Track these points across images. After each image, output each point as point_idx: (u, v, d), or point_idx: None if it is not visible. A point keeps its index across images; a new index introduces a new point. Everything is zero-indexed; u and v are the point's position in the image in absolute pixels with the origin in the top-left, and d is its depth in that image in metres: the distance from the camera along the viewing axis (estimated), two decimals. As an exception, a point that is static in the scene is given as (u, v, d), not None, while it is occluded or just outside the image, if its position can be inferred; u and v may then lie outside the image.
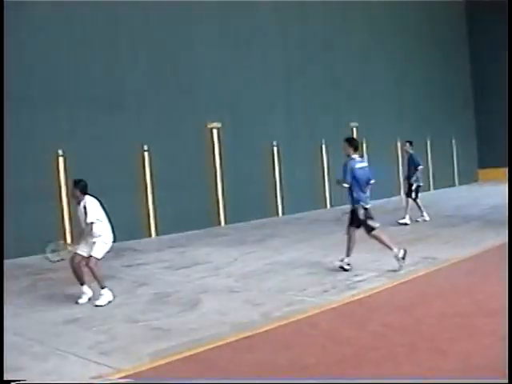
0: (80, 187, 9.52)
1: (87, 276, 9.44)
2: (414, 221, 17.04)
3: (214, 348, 6.63)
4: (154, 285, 10.55)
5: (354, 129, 25.43)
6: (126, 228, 16.79)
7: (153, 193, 17.97)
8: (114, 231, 9.88)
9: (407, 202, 17.52)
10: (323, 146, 23.75)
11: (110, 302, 9.16)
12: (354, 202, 11.20)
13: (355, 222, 11.12)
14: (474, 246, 12.08)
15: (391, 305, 8.17)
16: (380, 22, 27.68)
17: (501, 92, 33.42)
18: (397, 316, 7.58)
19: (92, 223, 9.35)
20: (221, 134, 19.92)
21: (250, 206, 20.56)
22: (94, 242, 9.39)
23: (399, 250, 10.59)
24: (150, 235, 17.87)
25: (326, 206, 23.84)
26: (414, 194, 17.65)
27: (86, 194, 9.54)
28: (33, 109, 15.44)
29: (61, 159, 15.90)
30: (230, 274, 11.18)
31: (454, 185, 31.74)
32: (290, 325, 7.43)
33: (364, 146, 25.50)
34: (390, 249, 10.63)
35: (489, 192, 25.68)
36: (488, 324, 6.89)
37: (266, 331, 7.21)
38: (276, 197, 21.84)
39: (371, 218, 11.05)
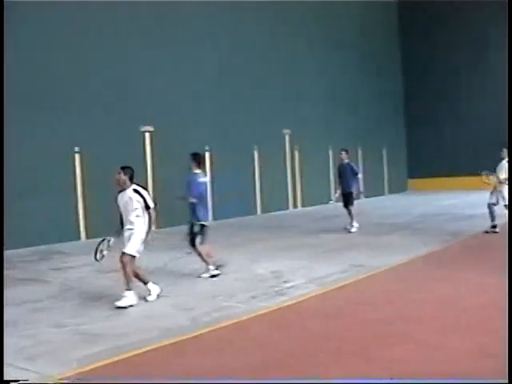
0: (129, 173, 9.40)
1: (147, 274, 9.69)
2: (344, 228, 17.17)
3: (142, 353, 6.60)
4: (82, 288, 10.44)
5: (287, 136, 25.63)
6: (55, 230, 16.66)
7: (83, 195, 17.78)
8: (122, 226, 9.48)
9: (350, 210, 17.23)
10: (255, 153, 23.87)
11: (131, 305, 8.82)
12: (198, 218, 11.25)
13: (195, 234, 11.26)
14: (402, 255, 12.29)
15: (319, 311, 8.26)
16: (313, 30, 28.01)
17: (431, 102, 34.25)
18: (324, 322, 7.67)
19: (155, 205, 9.31)
20: (153, 138, 19.83)
21: (181, 210, 20.46)
22: (131, 236, 9.12)
23: (214, 267, 11.08)
24: (80, 238, 17.67)
25: (256, 213, 23.97)
26: (351, 202, 17.16)
27: (132, 181, 9.37)
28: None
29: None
30: (160, 278, 11.11)
31: (383, 194, 32.28)
32: (219, 330, 7.44)
33: (296, 153, 25.77)
34: (207, 264, 11.01)
35: (418, 201, 26.20)
36: (410, 330, 7.05)
37: (195, 336, 7.21)
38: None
39: (202, 235, 11.14)
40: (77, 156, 17.65)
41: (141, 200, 9.14)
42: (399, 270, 11.07)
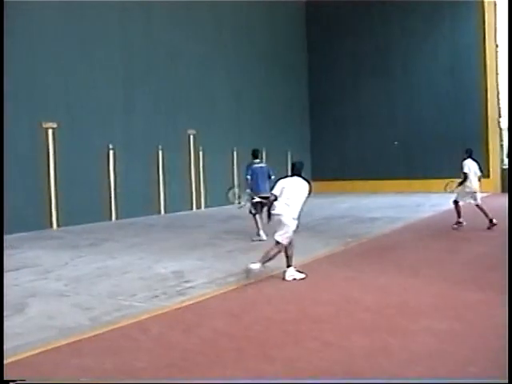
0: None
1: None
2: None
3: (40, 353, 6.53)
4: (-21, 288, 10.21)
5: (191, 136, 25.66)
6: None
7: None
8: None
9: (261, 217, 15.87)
10: (159, 152, 23.81)
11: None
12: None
13: None
14: (304, 255, 12.48)
15: (220, 311, 8.33)
16: (222, 31, 28.18)
17: (335, 106, 34.94)
18: (226, 322, 7.74)
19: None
20: (56, 135, 19.54)
21: (84, 209, 20.30)
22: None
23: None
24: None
25: (160, 212, 23.92)
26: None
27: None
28: None
29: None
30: (60, 277, 11.00)
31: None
32: (119, 329, 7.43)
33: (201, 154, 25.83)
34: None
35: (321, 204, 26.59)
36: (313, 330, 7.21)
37: (95, 336, 7.17)
38: (110, 201, 21.66)
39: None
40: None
41: None
42: (301, 270, 11.25)
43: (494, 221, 16.27)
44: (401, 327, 7.21)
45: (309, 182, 10.63)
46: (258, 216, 15.39)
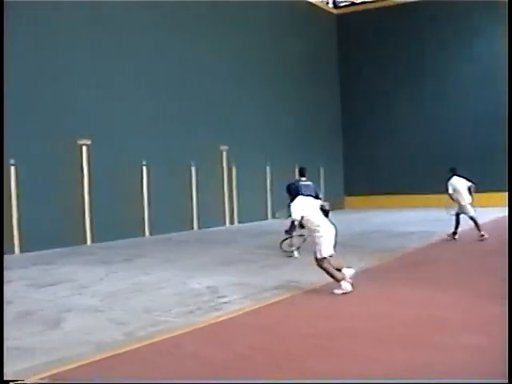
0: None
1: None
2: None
3: (76, 367, 6.55)
4: (16, 303, 10.30)
5: (224, 152, 25.71)
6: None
7: (18, 208, 17.55)
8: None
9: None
10: (192, 168, 23.90)
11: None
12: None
13: None
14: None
15: (255, 326, 8.31)
16: (252, 46, 28.21)
17: (366, 118, 34.67)
18: (261, 337, 7.72)
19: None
20: (90, 151, 19.72)
21: (118, 225, 20.41)
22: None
23: None
24: (14, 252, 17.42)
25: (192, 228, 23.97)
26: None
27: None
28: None
29: None
30: (96, 293, 11.08)
31: (319, 211, 32.46)
32: (154, 345, 7.44)
33: (233, 169, 25.86)
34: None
35: (355, 219, 26.48)
36: (349, 344, 7.17)
37: (130, 351, 7.19)
38: (144, 216, 21.77)
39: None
40: (12, 169, 17.42)
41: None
42: (334, 285, 11.21)
43: (484, 234, 17.18)
44: (436, 341, 7.13)
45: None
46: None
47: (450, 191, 17.59)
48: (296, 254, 15.06)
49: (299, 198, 10.54)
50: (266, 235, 20.48)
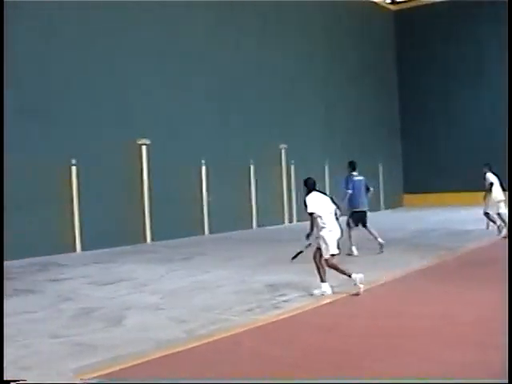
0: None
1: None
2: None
3: (137, 364, 6.58)
4: (78, 300, 10.43)
5: (283, 150, 25.65)
6: (50, 242, 16.63)
7: (79, 208, 17.78)
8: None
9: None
10: (251, 167, 23.89)
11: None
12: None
13: None
14: (399, 269, 12.28)
15: (315, 324, 8.24)
16: (313, 46, 28.09)
17: (425, 117, 34.22)
18: (321, 335, 7.65)
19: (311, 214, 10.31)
20: (150, 151, 19.86)
21: (178, 223, 20.51)
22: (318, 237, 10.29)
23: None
24: (75, 250, 17.67)
25: (252, 227, 23.97)
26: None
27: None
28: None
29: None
30: (156, 290, 11.13)
31: (379, 209, 32.17)
32: (215, 343, 7.43)
33: (292, 167, 25.79)
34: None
35: (414, 216, 26.19)
36: (410, 344, 7.05)
37: (191, 349, 7.19)
38: (203, 215, 21.84)
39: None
40: (73, 168, 17.66)
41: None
42: (396, 283, 11.07)
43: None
44: (496, 342, 6.94)
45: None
46: (352, 231, 15.36)
47: (490, 186, 17.62)
48: (355, 251, 15.01)
49: (315, 194, 10.47)
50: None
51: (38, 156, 16.83)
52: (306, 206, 10.36)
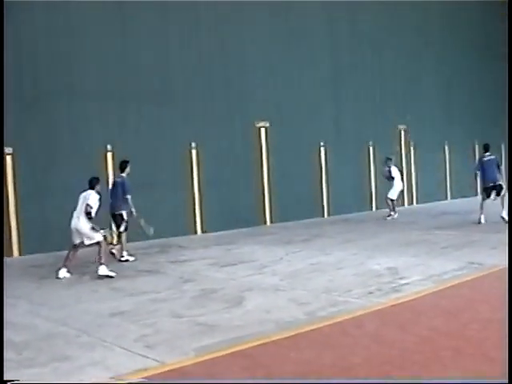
0: None
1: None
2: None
3: (258, 345, 6.63)
4: (199, 281, 10.62)
5: (402, 131, 25.24)
6: (171, 224, 16.99)
7: (199, 190, 18.08)
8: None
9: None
10: (370, 148, 23.63)
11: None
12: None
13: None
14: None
15: (436, 309, 8.07)
16: (429, 22, 27.44)
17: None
18: (442, 320, 7.49)
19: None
20: (268, 133, 19.96)
21: (297, 205, 20.55)
22: None
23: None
24: (196, 232, 17.99)
25: (371, 209, 23.75)
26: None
27: None
28: (83, 103, 15.68)
29: (109, 154, 16.09)
30: (276, 272, 11.20)
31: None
32: (335, 325, 7.40)
33: (412, 148, 25.35)
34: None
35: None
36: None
37: (311, 330, 7.18)
38: (322, 197, 21.79)
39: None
40: (193, 152, 17.96)
41: None
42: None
43: None
44: None
45: None
46: (484, 202, 17.40)
47: None
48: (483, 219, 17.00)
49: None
50: (445, 215, 19.97)
51: (164, 140, 17.28)
52: None
